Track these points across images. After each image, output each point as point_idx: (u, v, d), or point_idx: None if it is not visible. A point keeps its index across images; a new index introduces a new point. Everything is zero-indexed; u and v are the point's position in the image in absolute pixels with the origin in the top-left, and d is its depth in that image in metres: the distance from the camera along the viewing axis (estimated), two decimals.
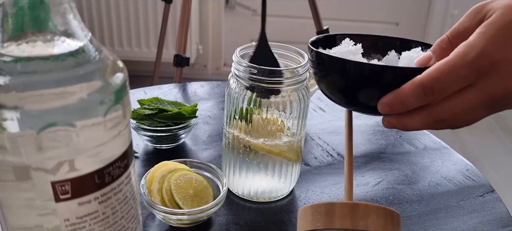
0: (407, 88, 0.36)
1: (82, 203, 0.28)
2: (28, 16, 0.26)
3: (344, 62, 0.40)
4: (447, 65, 0.35)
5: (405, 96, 0.37)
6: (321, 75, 0.43)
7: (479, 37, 0.34)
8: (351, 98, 0.41)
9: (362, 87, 0.40)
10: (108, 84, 0.27)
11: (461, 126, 0.38)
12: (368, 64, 0.39)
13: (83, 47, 0.27)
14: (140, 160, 0.62)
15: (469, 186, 0.60)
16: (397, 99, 0.37)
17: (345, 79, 0.40)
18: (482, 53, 0.34)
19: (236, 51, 0.50)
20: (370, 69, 0.39)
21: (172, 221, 0.49)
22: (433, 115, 0.37)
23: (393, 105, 0.38)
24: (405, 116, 0.39)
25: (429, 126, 0.38)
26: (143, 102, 0.64)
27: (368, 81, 0.39)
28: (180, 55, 1.31)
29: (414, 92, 0.36)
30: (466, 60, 0.34)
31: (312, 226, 0.37)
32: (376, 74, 0.38)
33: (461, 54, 0.34)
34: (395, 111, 0.38)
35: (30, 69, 0.25)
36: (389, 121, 0.40)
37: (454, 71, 0.34)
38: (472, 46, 0.34)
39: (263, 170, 0.52)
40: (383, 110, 0.39)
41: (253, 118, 0.49)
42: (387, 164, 0.64)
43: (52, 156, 0.26)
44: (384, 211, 0.36)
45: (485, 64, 0.34)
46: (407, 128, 0.39)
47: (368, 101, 0.40)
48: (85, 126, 0.26)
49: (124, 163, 0.30)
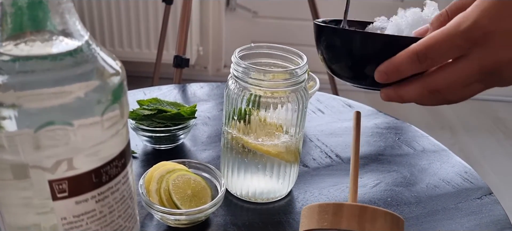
0: (402, 55, 0.38)
1: (79, 201, 0.28)
2: (27, 15, 0.26)
3: (347, 33, 0.42)
4: (441, 33, 0.36)
5: (400, 63, 0.38)
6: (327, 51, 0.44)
7: (474, 9, 0.35)
8: (355, 70, 0.43)
9: (364, 58, 0.41)
10: (105, 84, 0.27)
11: (455, 99, 0.39)
12: (369, 34, 0.41)
13: (81, 47, 0.27)
14: (139, 160, 0.62)
15: (467, 188, 0.60)
16: (392, 66, 0.39)
17: (348, 51, 0.42)
18: (475, 24, 0.34)
19: (235, 52, 0.50)
20: (366, 38, 0.41)
21: (170, 221, 0.50)
22: (427, 84, 0.38)
23: (389, 72, 0.39)
24: (401, 86, 0.40)
25: (424, 97, 0.39)
26: (142, 102, 0.64)
27: (369, 51, 0.41)
28: (180, 56, 1.31)
29: (409, 58, 0.37)
30: (459, 29, 0.35)
31: (318, 225, 0.37)
32: (374, 44, 0.40)
33: (455, 24, 0.35)
34: (391, 79, 0.40)
35: (28, 68, 0.25)
36: (386, 92, 0.41)
37: (448, 39, 0.36)
38: (467, 17, 0.35)
39: (262, 171, 0.52)
40: (380, 78, 0.40)
41: (252, 118, 0.50)
42: (385, 165, 0.64)
43: (49, 155, 0.27)
44: (391, 216, 0.36)
45: (478, 35, 0.35)
46: (403, 98, 0.40)
47: (369, 72, 0.41)
48: (83, 125, 0.26)
49: (122, 162, 0.30)
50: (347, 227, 0.36)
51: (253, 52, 0.52)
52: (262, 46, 0.52)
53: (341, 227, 0.36)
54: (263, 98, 0.48)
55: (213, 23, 2.24)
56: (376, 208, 0.36)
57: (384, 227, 0.36)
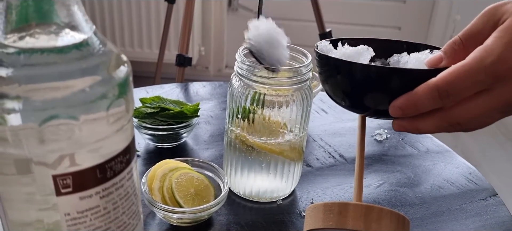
0: (421, 91, 0.36)
1: (83, 197, 0.28)
2: (32, 8, 0.25)
3: (352, 66, 0.39)
4: (463, 69, 0.34)
5: (419, 99, 0.36)
6: (329, 79, 0.42)
7: (496, 41, 0.34)
8: (361, 103, 0.40)
9: (372, 91, 0.39)
10: (111, 78, 0.27)
11: (474, 129, 0.37)
12: (377, 67, 0.38)
13: (87, 40, 0.27)
14: (141, 158, 0.62)
15: (471, 190, 0.59)
16: (410, 102, 0.37)
17: (354, 83, 0.39)
18: (499, 59, 0.33)
19: (240, 50, 0.49)
20: (380, 72, 0.38)
21: (172, 220, 0.49)
22: (448, 118, 0.37)
23: (406, 108, 0.37)
24: (418, 119, 0.38)
25: (442, 129, 0.38)
26: (145, 101, 0.64)
27: (378, 84, 0.38)
28: (182, 55, 1.31)
29: (429, 95, 0.35)
30: (483, 65, 0.34)
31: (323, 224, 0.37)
32: (387, 77, 0.37)
33: (478, 59, 0.34)
34: (407, 115, 0.38)
35: (33, 61, 0.25)
36: (401, 124, 0.39)
37: (471, 76, 0.34)
38: (490, 51, 0.34)
39: (265, 170, 0.52)
40: (395, 113, 0.38)
41: (255, 117, 0.49)
42: (389, 166, 0.64)
43: (53, 149, 0.26)
44: (397, 216, 0.36)
45: (502, 70, 0.33)
46: (419, 131, 0.38)
47: (377, 105, 0.39)
48: (88, 119, 0.26)
49: (126, 158, 0.30)
50: (353, 226, 0.36)
51: None
52: None
53: (346, 226, 0.36)
54: (267, 96, 0.48)
55: (215, 24, 2.24)
56: (382, 208, 0.36)
57: (390, 227, 0.36)
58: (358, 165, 0.41)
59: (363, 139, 0.42)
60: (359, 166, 0.41)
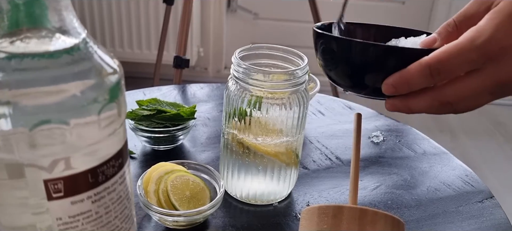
0: (413, 68, 0.36)
1: (75, 202, 0.28)
2: (23, 12, 0.25)
3: (351, 43, 0.40)
4: (455, 48, 0.35)
5: (411, 77, 0.37)
6: (327, 59, 0.43)
7: (489, 22, 0.34)
8: (357, 80, 0.42)
9: (368, 69, 0.40)
10: (102, 82, 0.27)
11: (465, 109, 0.38)
12: (375, 45, 0.40)
13: (78, 45, 0.27)
14: (137, 160, 0.62)
15: (468, 192, 0.59)
16: (402, 79, 0.37)
17: (351, 61, 0.41)
18: (491, 38, 0.34)
19: (236, 53, 0.49)
20: (376, 50, 0.39)
21: (168, 223, 0.49)
22: (438, 97, 0.37)
23: (398, 85, 0.38)
24: (409, 97, 0.39)
25: (433, 109, 0.38)
26: (141, 103, 0.64)
27: (374, 62, 0.39)
28: (180, 57, 1.31)
29: (421, 72, 0.36)
30: (475, 44, 0.34)
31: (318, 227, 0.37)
32: (382, 55, 0.38)
33: (470, 39, 0.35)
34: (400, 92, 0.38)
35: (24, 66, 0.25)
36: (393, 103, 0.40)
37: (462, 54, 0.35)
38: (482, 31, 0.34)
39: (261, 173, 0.52)
40: (388, 91, 0.39)
41: (252, 119, 0.49)
42: (385, 168, 0.64)
43: (45, 154, 0.26)
44: (392, 219, 0.36)
45: (493, 50, 0.34)
46: (411, 110, 0.39)
47: (373, 83, 0.40)
48: (79, 123, 0.26)
49: (119, 162, 0.30)
50: (347, 229, 0.36)
51: (253, 53, 0.51)
52: (263, 47, 0.52)
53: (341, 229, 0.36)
54: (264, 99, 0.48)
55: (214, 25, 2.24)
56: (376, 211, 0.36)
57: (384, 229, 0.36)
58: (353, 167, 0.41)
59: (359, 140, 0.42)
60: (354, 168, 0.41)
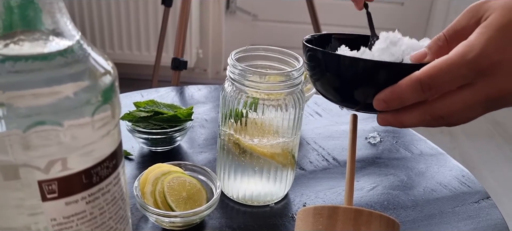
0: (404, 83, 0.37)
1: (69, 202, 0.28)
2: (18, 15, 0.26)
3: (339, 58, 0.40)
4: (445, 63, 0.35)
5: (403, 92, 0.37)
6: (316, 73, 0.43)
7: (479, 37, 0.34)
8: (348, 96, 0.42)
9: (358, 84, 0.40)
10: (96, 84, 0.27)
11: (457, 123, 0.38)
12: (363, 60, 0.40)
13: (72, 47, 0.27)
14: (135, 162, 0.62)
15: (464, 192, 0.59)
16: (394, 95, 0.37)
17: (340, 76, 0.41)
18: (481, 53, 0.34)
19: (231, 55, 0.49)
20: (365, 66, 0.39)
21: (165, 224, 0.49)
22: (430, 111, 0.37)
23: (389, 101, 0.38)
24: (401, 112, 0.39)
25: (426, 123, 0.38)
26: (139, 104, 0.64)
27: (363, 77, 0.39)
28: (178, 58, 1.31)
29: (412, 88, 0.36)
30: (465, 59, 0.34)
31: (313, 227, 0.37)
32: (372, 71, 0.38)
33: (460, 54, 0.35)
34: (391, 108, 0.38)
35: (18, 68, 0.25)
36: (385, 117, 0.40)
37: (453, 70, 0.35)
38: (472, 46, 0.34)
39: (258, 174, 0.52)
40: (379, 106, 0.39)
41: (248, 121, 0.49)
42: (382, 169, 0.64)
43: (40, 155, 0.26)
44: (387, 220, 0.36)
45: (484, 65, 0.34)
46: (403, 124, 0.39)
47: (364, 98, 0.40)
48: (73, 125, 0.26)
49: (113, 163, 0.30)
50: (342, 230, 0.36)
51: (249, 54, 0.51)
52: (259, 49, 0.52)
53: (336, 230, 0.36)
54: (260, 100, 0.48)
55: (213, 26, 2.24)
56: (371, 211, 0.36)
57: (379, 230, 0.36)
58: (349, 168, 0.41)
59: (355, 141, 0.42)
60: (350, 168, 0.41)
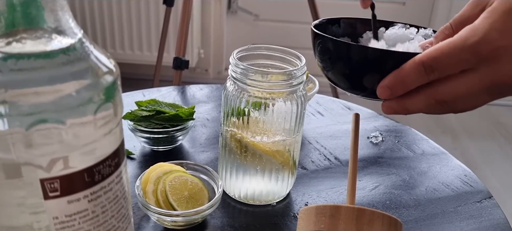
0: (407, 66, 0.37)
1: (71, 201, 0.28)
2: (20, 13, 0.25)
3: (347, 46, 0.41)
4: (447, 46, 0.35)
5: (406, 75, 0.37)
6: (325, 59, 0.44)
7: (483, 22, 0.34)
8: (354, 82, 0.43)
9: (364, 71, 0.41)
10: (98, 82, 0.27)
11: (462, 109, 0.38)
12: (371, 49, 0.40)
13: (74, 45, 0.27)
14: (136, 161, 0.62)
15: (466, 192, 0.59)
16: (397, 79, 0.37)
17: (348, 63, 0.41)
18: (483, 38, 0.34)
19: (233, 54, 0.49)
20: (371, 54, 0.39)
21: (166, 223, 0.49)
22: (435, 95, 0.37)
23: (393, 86, 0.38)
24: (405, 98, 0.39)
25: (430, 107, 0.38)
26: (140, 104, 0.64)
27: (370, 64, 0.40)
28: (179, 58, 1.31)
29: (415, 70, 0.36)
30: (467, 44, 0.34)
31: (315, 227, 0.37)
32: (378, 59, 0.39)
33: (463, 37, 0.35)
34: (396, 93, 0.38)
35: (20, 66, 0.25)
36: (389, 105, 0.40)
37: (455, 53, 0.35)
38: (475, 30, 0.34)
39: (260, 173, 0.52)
40: (383, 93, 0.39)
41: (250, 120, 0.49)
42: (384, 168, 0.64)
43: (42, 153, 0.26)
44: (389, 219, 0.36)
45: (487, 50, 0.34)
46: (408, 110, 0.39)
47: (371, 85, 0.41)
48: (75, 123, 0.26)
49: (115, 161, 0.30)
50: (345, 229, 0.36)
51: (251, 53, 0.51)
52: (261, 48, 0.52)
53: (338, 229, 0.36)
54: (262, 99, 0.48)
55: (215, 26, 2.24)
56: (373, 211, 0.36)
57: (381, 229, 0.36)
58: (351, 167, 0.41)
59: (357, 140, 0.42)
60: (352, 168, 0.41)
